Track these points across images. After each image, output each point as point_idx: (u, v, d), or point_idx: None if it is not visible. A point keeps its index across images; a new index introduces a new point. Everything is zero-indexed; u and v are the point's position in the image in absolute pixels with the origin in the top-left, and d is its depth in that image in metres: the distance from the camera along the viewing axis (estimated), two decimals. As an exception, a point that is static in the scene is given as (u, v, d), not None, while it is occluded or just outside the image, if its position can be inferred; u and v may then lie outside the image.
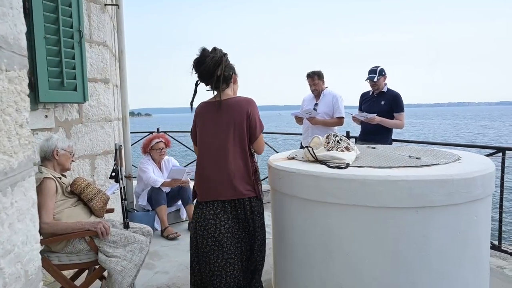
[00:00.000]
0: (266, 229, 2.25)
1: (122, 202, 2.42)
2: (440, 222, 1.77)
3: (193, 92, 2.12)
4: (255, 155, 2.26)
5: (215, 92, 2.11)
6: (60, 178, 2.24)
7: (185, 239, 3.69)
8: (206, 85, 2.11)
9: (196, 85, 2.11)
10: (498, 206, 3.30)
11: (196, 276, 2.17)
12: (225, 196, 2.07)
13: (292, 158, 2.31)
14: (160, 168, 4.24)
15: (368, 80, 3.85)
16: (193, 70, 2.07)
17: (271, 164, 2.27)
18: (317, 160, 2.07)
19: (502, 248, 3.26)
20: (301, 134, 4.59)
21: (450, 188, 1.74)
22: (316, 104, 4.27)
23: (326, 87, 4.28)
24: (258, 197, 2.14)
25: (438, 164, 1.95)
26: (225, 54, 2.08)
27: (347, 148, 2.11)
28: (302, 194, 1.98)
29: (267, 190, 4.26)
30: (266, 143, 6.72)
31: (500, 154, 3.18)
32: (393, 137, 4.07)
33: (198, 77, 2.09)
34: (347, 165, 1.94)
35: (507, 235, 3.36)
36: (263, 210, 2.22)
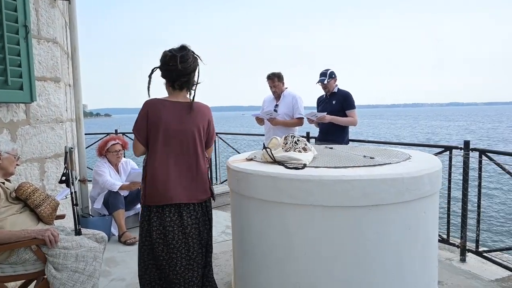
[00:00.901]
0: (227, 230, 2.26)
1: (73, 208, 2.30)
2: (391, 219, 1.84)
3: (148, 79, 2.00)
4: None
5: (181, 92, 2.05)
6: (3, 183, 2.09)
7: (143, 244, 3.58)
8: (170, 81, 2.02)
9: (152, 73, 2.01)
10: (446, 201, 3.49)
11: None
12: (190, 198, 2.04)
13: (251, 159, 2.31)
14: (118, 171, 4.09)
15: (319, 83, 3.97)
16: (169, 62, 1.96)
17: (229, 166, 2.26)
18: (275, 161, 2.09)
19: (450, 241, 3.46)
20: (264, 135, 4.63)
21: (401, 186, 1.81)
22: (276, 105, 4.33)
23: (286, 88, 4.36)
24: (212, 198, 2.17)
25: (390, 163, 2.03)
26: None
27: (305, 149, 2.15)
28: (260, 195, 1.99)
29: (227, 192, 4.25)
30: (229, 144, 6.71)
31: (448, 152, 3.36)
32: (351, 137, 4.20)
33: (167, 70, 1.98)
34: (304, 166, 1.97)
35: (455, 228, 3.56)
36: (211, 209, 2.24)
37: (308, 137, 5.00)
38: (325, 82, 3.93)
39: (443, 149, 3.42)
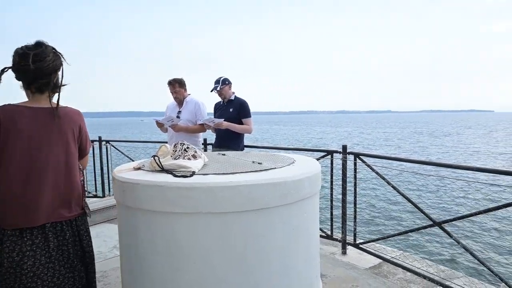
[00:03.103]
0: (118, 245, 2.10)
1: None
2: (276, 221, 1.94)
3: None
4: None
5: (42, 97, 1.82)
6: None
7: None
8: (26, 83, 1.78)
9: (2, 73, 1.75)
10: (329, 201, 3.85)
11: None
12: (58, 217, 1.82)
13: (139, 168, 2.20)
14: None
15: (214, 90, 4.05)
16: (20, 61, 1.70)
17: (115, 176, 2.12)
18: (163, 170, 2.03)
19: (334, 236, 3.81)
20: (165, 142, 4.48)
21: (284, 190, 1.92)
22: (179, 112, 4.27)
23: (189, 94, 4.31)
24: (84, 212, 2.00)
25: (275, 168, 2.14)
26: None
27: (194, 156, 2.13)
28: (147, 206, 1.90)
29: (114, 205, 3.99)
30: (122, 153, 6.31)
31: (329, 156, 3.72)
32: (248, 142, 4.35)
33: (18, 70, 1.73)
34: (193, 173, 1.95)
35: (337, 225, 3.94)
36: (88, 225, 2.06)
37: (205, 143, 5.01)
38: (218, 89, 4.00)
39: (326, 153, 3.77)
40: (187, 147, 2.15)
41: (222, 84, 4.02)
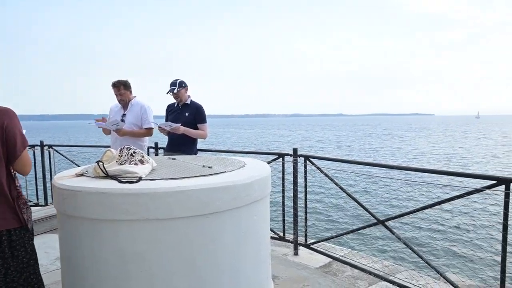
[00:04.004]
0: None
1: None
2: (226, 225, 1.94)
3: None
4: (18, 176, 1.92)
5: None
6: None
7: None
8: None
9: None
10: (281, 203, 3.91)
11: None
12: None
13: (82, 175, 2.10)
14: None
15: (170, 93, 3.96)
16: None
17: (54, 184, 1.99)
18: (108, 176, 1.95)
19: (286, 238, 3.88)
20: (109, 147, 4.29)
21: (233, 193, 1.93)
22: (124, 115, 4.11)
23: (135, 97, 4.18)
24: (24, 226, 1.84)
25: (225, 172, 2.14)
26: None
27: (142, 161, 2.07)
28: (90, 214, 1.81)
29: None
30: (67, 158, 5.96)
31: (281, 159, 3.79)
32: (202, 146, 4.29)
33: None
34: (140, 179, 1.89)
35: (289, 226, 4.01)
36: (31, 240, 1.91)
37: (156, 147, 4.89)
38: (175, 91, 3.92)
39: (277, 156, 3.84)
40: (134, 152, 2.08)
41: (179, 86, 3.93)
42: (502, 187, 2.30)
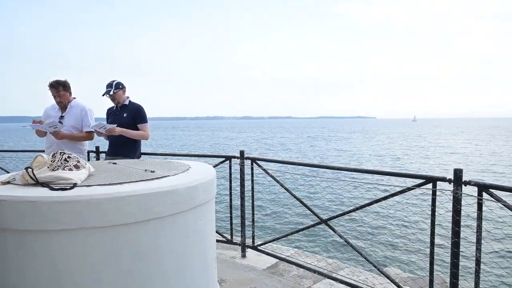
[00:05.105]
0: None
1: None
2: (169, 230, 1.89)
3: None
4: None
5: None
6: None
7: None
8: None
9: None
10: (229, 206, 3.90)
11: None
12: None
13: (8, 183, 1.93)
14: None
15: (106, 94, 3.79)
16: None
17: (-25, 193, 1.81)
18: (38, 183, 1.81)
19: (234, 241, 3.88)
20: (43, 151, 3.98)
21: (176, 198, 1.89)
22: (62, 117, 3.84)
23: (74, 98, 3.93)
24: None
25: (168, 176, 2.09)
26: None
27: (77, 166, 1.95)
28: (18, 225, 1.67)
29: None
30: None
31: (228, 161, 3.78)
32: (147, 149, 4.14)
33: None
34: (74, 185, 1.78)
35: (237, 229, 4.02)
36: None
37: (97, 151, 4.65)
38: (111, 93, 3.75)
39: (224, 158, 3.83)
40: (68, 157, 1.96)
41: (116, 88, 3.77)
42: (430, 185, 2.49)
